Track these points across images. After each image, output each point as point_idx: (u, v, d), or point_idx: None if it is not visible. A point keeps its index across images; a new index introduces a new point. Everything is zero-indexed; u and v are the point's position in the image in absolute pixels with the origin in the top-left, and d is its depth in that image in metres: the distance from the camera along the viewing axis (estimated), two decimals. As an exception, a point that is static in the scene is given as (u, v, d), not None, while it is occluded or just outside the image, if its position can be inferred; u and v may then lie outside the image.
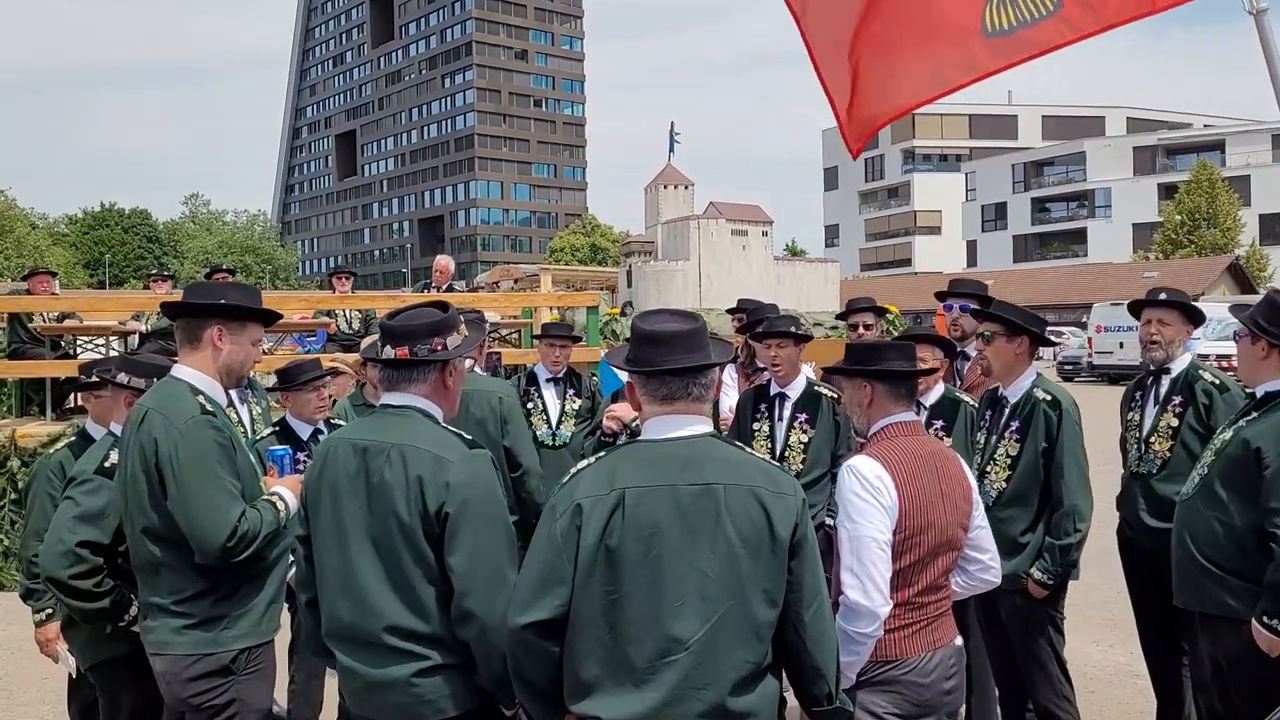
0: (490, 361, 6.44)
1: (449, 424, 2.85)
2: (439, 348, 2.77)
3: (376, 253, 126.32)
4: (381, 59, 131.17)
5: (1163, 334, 4.50)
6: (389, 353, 2.78)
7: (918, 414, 4.48)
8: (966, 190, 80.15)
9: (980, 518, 3.22)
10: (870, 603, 2.88)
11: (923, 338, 4.56)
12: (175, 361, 4.22)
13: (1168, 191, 63.79)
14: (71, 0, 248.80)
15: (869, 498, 2.96)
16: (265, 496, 3.24)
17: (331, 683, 5.00)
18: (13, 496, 8.28)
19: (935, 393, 4.62)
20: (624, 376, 2.68)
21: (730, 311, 7.28)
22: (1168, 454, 4.40)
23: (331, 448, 2.81)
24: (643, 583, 2.37)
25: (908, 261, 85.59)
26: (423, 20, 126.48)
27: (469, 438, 2.79)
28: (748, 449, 2.63)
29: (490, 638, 2.58)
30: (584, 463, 2.56)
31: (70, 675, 4.25)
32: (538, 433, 6.41)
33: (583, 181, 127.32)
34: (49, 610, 4.01)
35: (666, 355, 2.50)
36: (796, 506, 2.46)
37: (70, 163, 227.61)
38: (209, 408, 3.13)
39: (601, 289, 13.54)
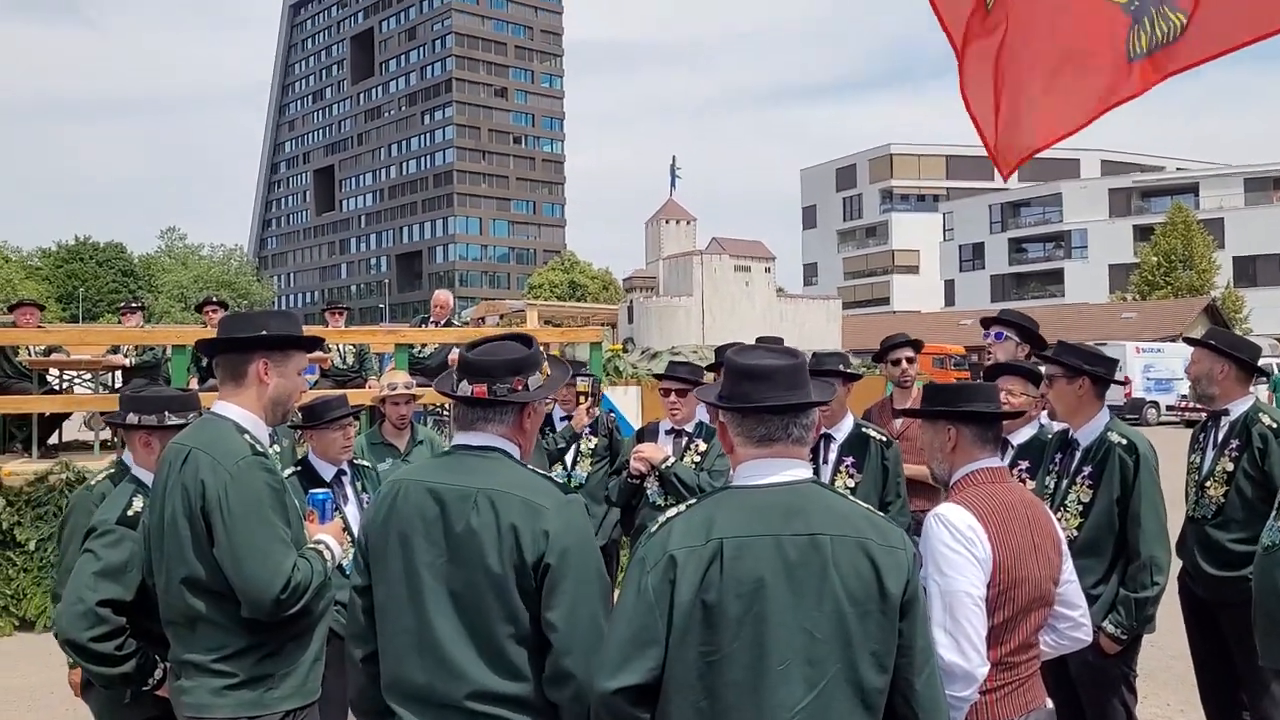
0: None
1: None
2: (520, 387, 2.55)
3: (354, 288, 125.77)
4: (361, 95, 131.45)
5: (1191, 370, 4.46)
6: (466, 389, 2.55)
7: (1004, 453, 4.31)
8: (944, 230, 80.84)
9: (1069, 571, 3.03)
10: (968, 663, 2.68)
11: (1012, 369, 4.38)
12: (183, 391, 4.01)
13: (1143, 233, 64.55)
14: (47, 30, 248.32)
15: (961, 549, 2.76)
16: (311, 545, 3.00)
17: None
18: (-4, 537, 7.94)
19: (1026, 432, 4.44)
20: (710, 414, 2.48)
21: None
22: (1222, 499, 4.28)
23: (400, 490, 2.55)
24: (744, 643, 2.16)
25: (886, 300, 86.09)
26: (403, 57, 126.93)
27: (560, 481, 2.57)
28: (851, 496, 2.43)
29: (587, 700, 2.34)
30: (673, 510, 2.35)
31: None
32: (553, 474, 6.19)
33: (561, 218, 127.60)
34: None
35: (766, 392, 2.29)
36: (907, 561, 2.26)
37: (45, 196, 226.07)
38: (258, 448, 2.89)
39: (603, 325, 13.36)
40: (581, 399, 6.14)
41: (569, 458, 6.36)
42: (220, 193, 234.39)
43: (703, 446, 5.20)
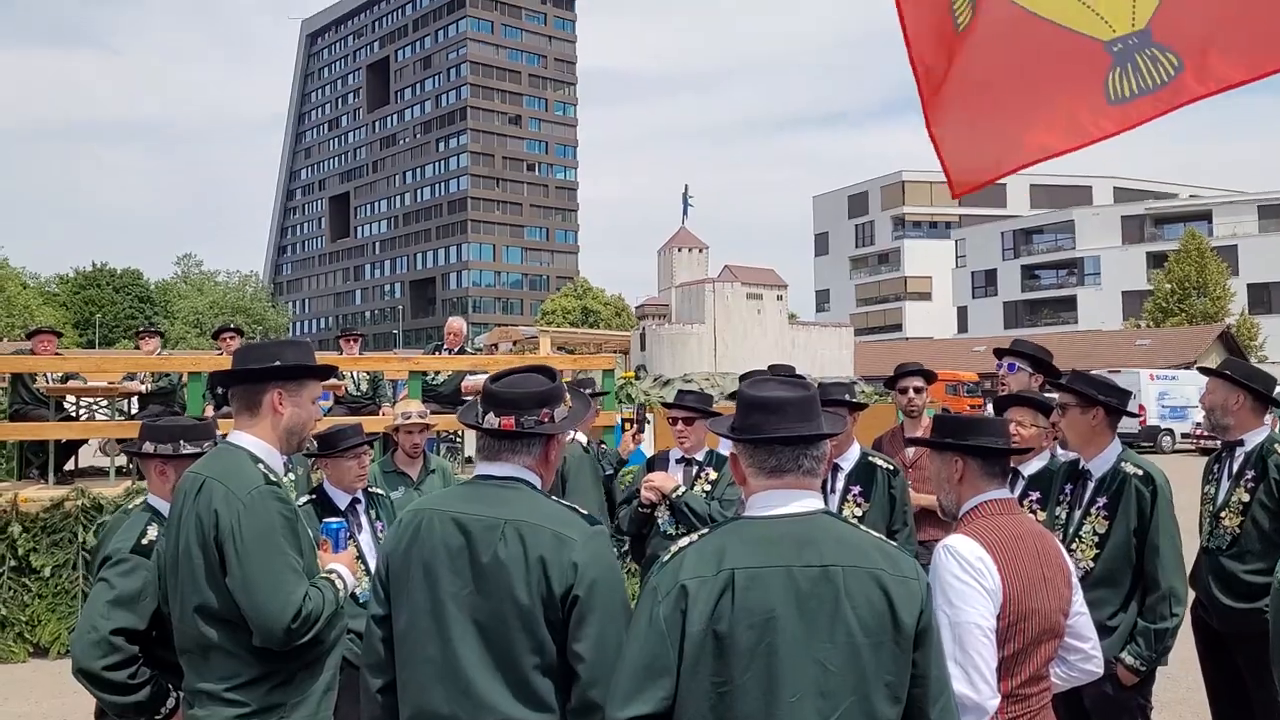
0: None
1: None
2: (546, 419, 2.57)
3: (368, 314, 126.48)
4: (376, 123, 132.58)
5: (1205, 400, 4.50)
6: (492, 421, 2.57)
7: (1014, 483, 4.31)
8: (956, 257, 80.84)
9: (1080, 603, 3.03)
10: (978, 695, 2.68)
11: (1022, 399, 4.39)
12: (200, 420, 4.04)
13: (1156, 260, 64.46)
14: (65, 57, 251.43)
15: (970, 580, 2.77)
16: (323, 574, 3.02)
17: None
18: (12, 564, 7.98)
19: (1037, 463, 4.44)
20: (728, 447, 2.49)
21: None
22: (1237, 530, 4.28)
23: (423, 520, 2.56)
24: (755, 675, 2.16)
25: (899, 327, 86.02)
26: (418, 86, 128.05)
27: (585, 512, 2.58)
28: (863, 527, 2.44)
29: None
30: (685, 540, 2.36)
31: None
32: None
33: (574, 245, 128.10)
34: None
35: (777, 424, 2.32)
36: (920, 591, 2.27)
37: (63, 221, 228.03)
38: (271, 478, 2.92)
39: (616, 352, 13.39)
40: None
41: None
42: (236, 219, 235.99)
43: (713, 475, 5.21)
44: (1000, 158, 3.84)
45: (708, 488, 5.19)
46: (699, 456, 5.29)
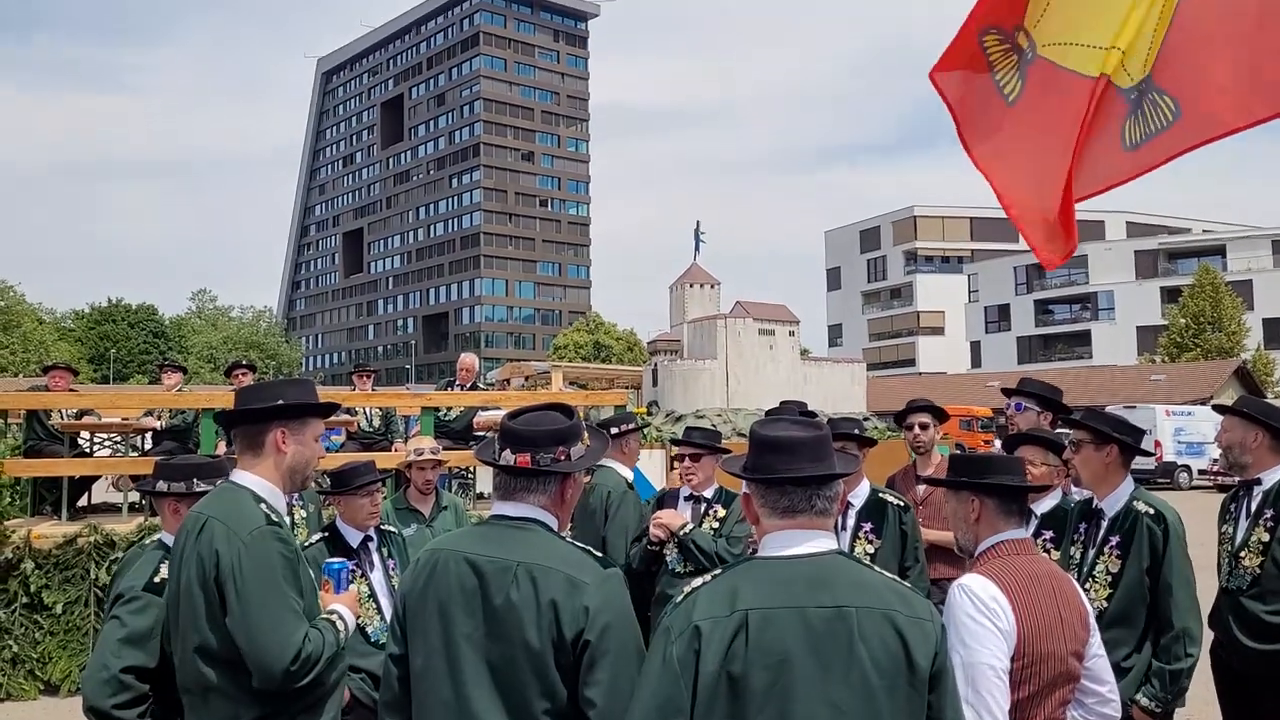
0: None
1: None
2: (563, 457, 2.55)
3: (381, 349, 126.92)
4: (390, 159, 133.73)
5: (1221, 438, 4.46)
6: (508, 458, 2.55)
7: (1029, 522, 4.28)
8: (969, 291, 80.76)
9: (1097, 645, 3.00)
10: (990, 737, 2.65)
11: (1032, 438, 4.37)
12: (212, 459, 4.05)
13: (1170, 295, 64.32)
14: (81, 94, 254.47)
15: (984, 621, 2.75)
16: (324, 615, 3.01)
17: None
18: (24, 600, 7.98)
19: (1051, 501, 4.42)
20: (742, 486, 2.47)
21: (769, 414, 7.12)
22: (1258, 569, 4.22)
23: (439, 560, 2.56)
24: (769, 716, 2.14)
25: (911, 362, 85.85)
26: (431, 123, 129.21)
27: (599, 554, 2.57)
28: (876, 567, 2.42)
29: None
30: (698, 580, 2.35)
31: None
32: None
33: (587, 279, 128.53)
34: None
35: (789, 464, 2.31)
36: (935, 633, 2.25)
37: (79, 257, 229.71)
38: (273, 518, 2.91)
39: (628, 387, 13.41)
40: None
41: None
42: (251, 256, 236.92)
43: (721, 512, 5.19)
44: (1051, 208, 3.83)
45: (716, 525, 5.16)
46: (707, 494, 5.27)
